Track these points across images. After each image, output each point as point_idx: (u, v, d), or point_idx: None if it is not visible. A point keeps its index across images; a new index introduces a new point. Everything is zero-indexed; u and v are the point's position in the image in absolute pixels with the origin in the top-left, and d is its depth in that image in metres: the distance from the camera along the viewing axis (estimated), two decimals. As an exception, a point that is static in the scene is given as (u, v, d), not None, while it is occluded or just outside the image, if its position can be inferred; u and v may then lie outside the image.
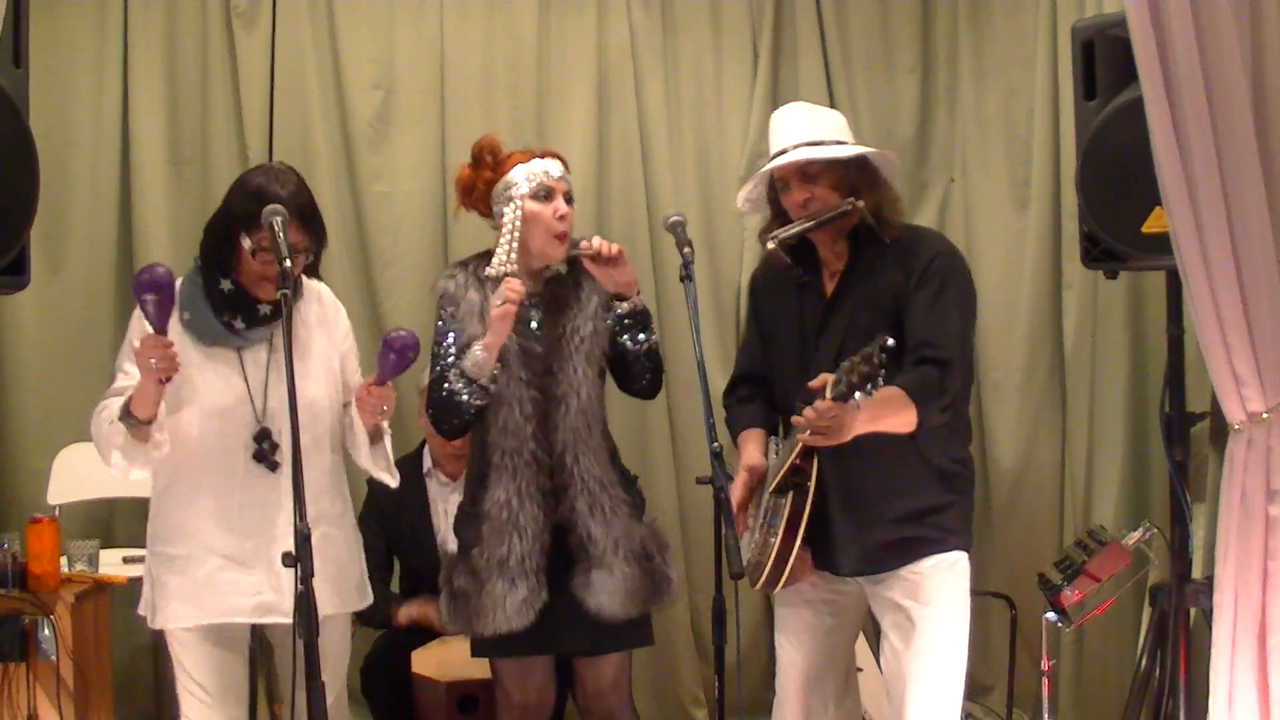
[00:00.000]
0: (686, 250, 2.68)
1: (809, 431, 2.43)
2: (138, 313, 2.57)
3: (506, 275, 2.74)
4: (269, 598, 2.60)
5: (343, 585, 2.72)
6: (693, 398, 2.92)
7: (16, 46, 2.73)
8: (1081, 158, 3.03)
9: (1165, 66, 2.47)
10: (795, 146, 2.67)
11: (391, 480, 2.81)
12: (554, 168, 2.84)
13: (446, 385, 2.76)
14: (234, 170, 3.65)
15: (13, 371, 3.96)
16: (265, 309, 2.61)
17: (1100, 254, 3.07)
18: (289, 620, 2.52)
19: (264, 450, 2.59)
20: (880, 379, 2.27)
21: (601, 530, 2.80)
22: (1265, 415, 2.52)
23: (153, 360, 2.40)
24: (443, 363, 2.80)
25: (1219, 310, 2.50)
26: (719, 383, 3.11)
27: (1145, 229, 2.92)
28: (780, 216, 2.75)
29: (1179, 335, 3.14)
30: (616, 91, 4.24)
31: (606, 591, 2.78)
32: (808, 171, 2.65)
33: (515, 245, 2.78)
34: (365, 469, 2.78)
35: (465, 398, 2.74)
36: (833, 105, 4.27)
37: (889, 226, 2.66)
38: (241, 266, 2.59)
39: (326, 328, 2.74)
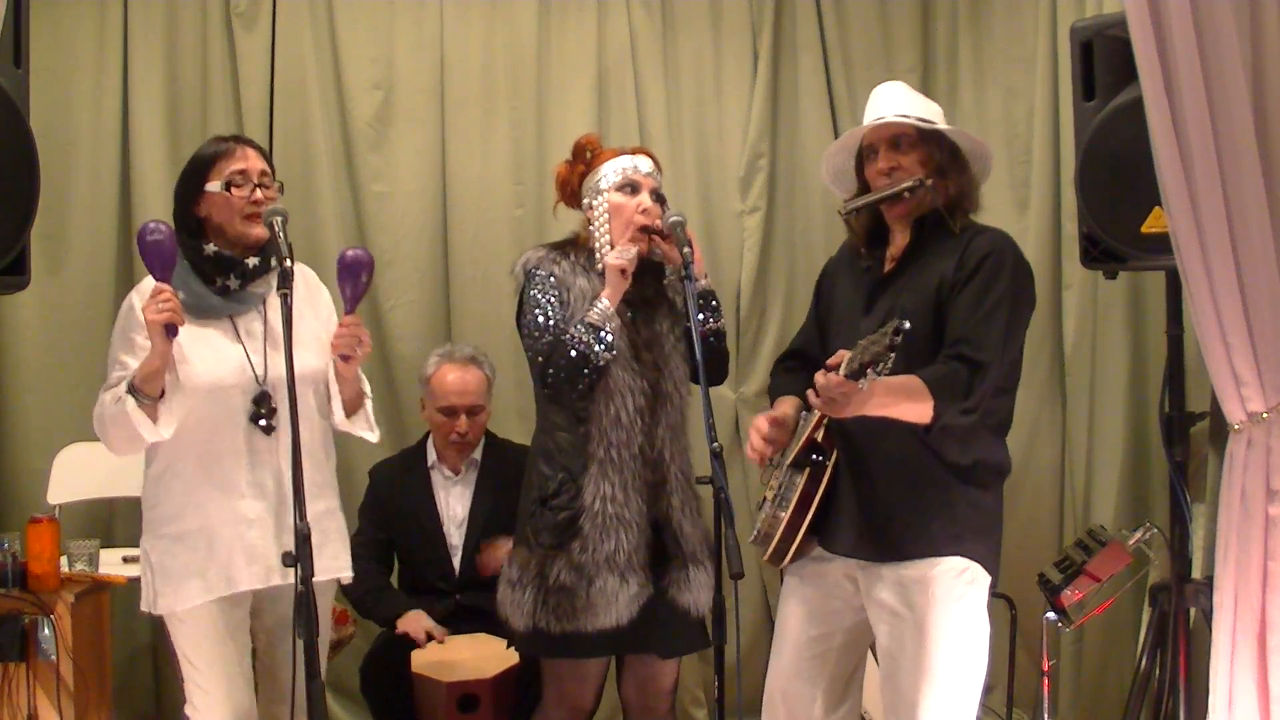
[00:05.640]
0: (686, 250, 2.69)
1: (816, 399, 2.41)
2: (126, 307, 2.65)
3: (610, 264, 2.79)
4: (274, 561, 2.62)
5: (344, 549, 2.79)
6: (693, 397, 2.91)
7: (16, 46, 2.73)
8: (1081, 158, 3.04)
9: (1165, 66, 2.48)
10: (895, 115, 2.66)
11: (372, 436, 2.84)
12: (643, 164, 2.88)
13: (573, 338, 2.74)
14: (234, 170, 3.65)
15: (13, 371, 3.96)
16: (252, 261, 2.65)
17: (1100, 254, 3.07)
18: (290, 581, 2.56)
19: (262, 413, 2.62)
20: (889, 361, 2.22)
21: (690, 527, 2.84)
22: (1265, 415, 2.52)
23: (159, 305, 2.44)
24: (555, 329, 2.78)
25: (1219, 310, 2.50)
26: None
27: (1145, 229, 2.92)
28: (864, 190, 2.72)
29: (1179, 335, 3.14)
30: (616, 91, 4.24)
31: (703, 588, 2.81)
32: (898, 142, 2.65)
33: (607, 236, 2.84)
34: (343, 429, 2.80)
35: (598, 348, 2.73)
36: (832, 105, 4.29)
37: (960, 218, 2.63)
38: (216, 220, 2.64)
39: (313, 305, 2.79)
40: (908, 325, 2.19)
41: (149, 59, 4.03)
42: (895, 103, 2.70)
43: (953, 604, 2.53)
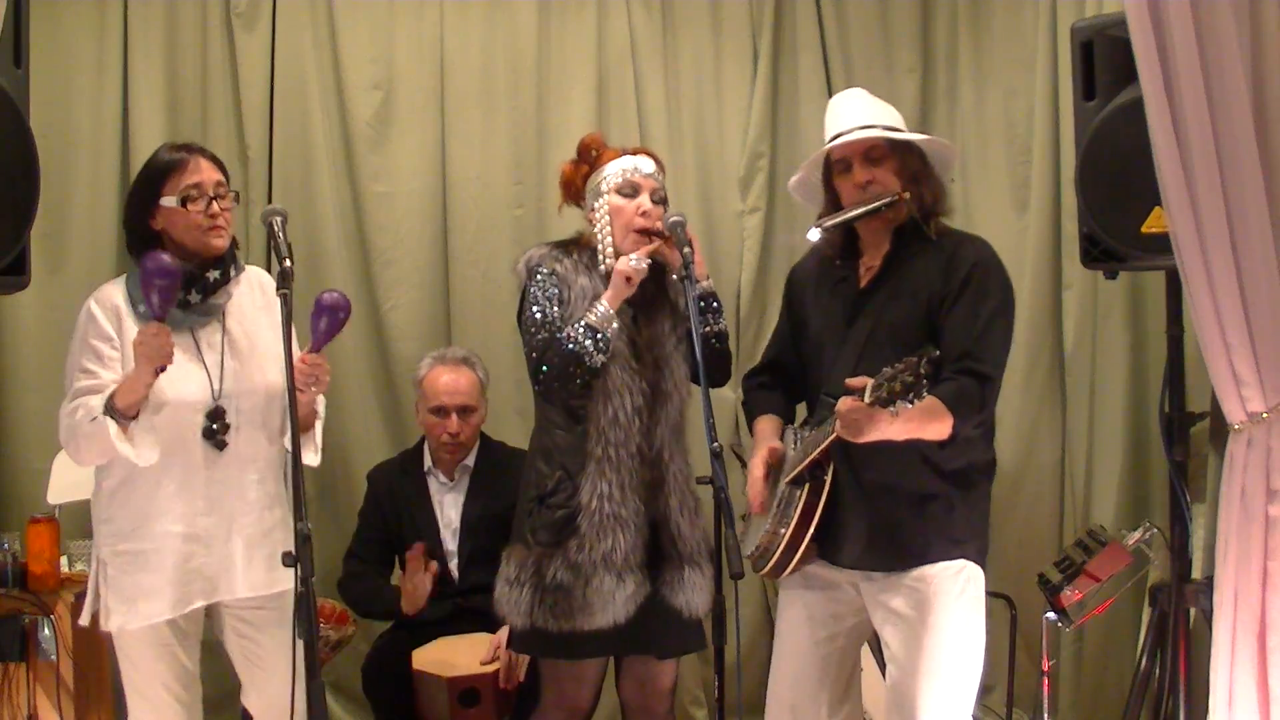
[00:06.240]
0: (686, 250, 2.69)
1: (838, 423, 2.43)
2: (85, 315, 2.60)
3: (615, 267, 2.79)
4: (222, 578, 2.63)
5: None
6: (692, 398, 2.91)
7: (16, 46, 2.73)
8: (1081, 158, 3.04)
9: (1165, 66, 2.48)
10: (861, 128, 2.63)
11: (314, 460, 2.76)
12: (644, 165, 2.88)
13: (568, 337, 2.74)
14: (234, 170, 3.64)
15: (13, 371, 3.96)
16: (213, 275, 2.64)
17: (1100, 254, 3.07)
18: (237, 596, 2.65)
19: (214, 429, 2.61)
20: (923, 392, 2.25)
21: (689, 528, 2.84)
22: (1265, 415, 2.52)
23: (155, 347, 2.42)
24: (552, 326, 2.78)
25: (1219, 310, 2.50)
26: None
27: (1145, 229, 2.92)
28: (835, 203, 2.72)
29: (1179, 335, 3.15)
30: (616, 91, 4.24)
31: (697, 589, 2.81)
32: (872, 154, 2.63)
33: (609, 238, 2.84)
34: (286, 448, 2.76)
35: (592, 350, 2.73)
36: (833, 105, 4.29)
37: (935, 224, 2.65)
38: (175, 235, 2.62)
39: (270, 313, 2.71)
40: (938, 354, 2.24)
41: (149, 59, 4.02)
42: (858, 113, 2.68)
43: (956, 601, 2.59)
